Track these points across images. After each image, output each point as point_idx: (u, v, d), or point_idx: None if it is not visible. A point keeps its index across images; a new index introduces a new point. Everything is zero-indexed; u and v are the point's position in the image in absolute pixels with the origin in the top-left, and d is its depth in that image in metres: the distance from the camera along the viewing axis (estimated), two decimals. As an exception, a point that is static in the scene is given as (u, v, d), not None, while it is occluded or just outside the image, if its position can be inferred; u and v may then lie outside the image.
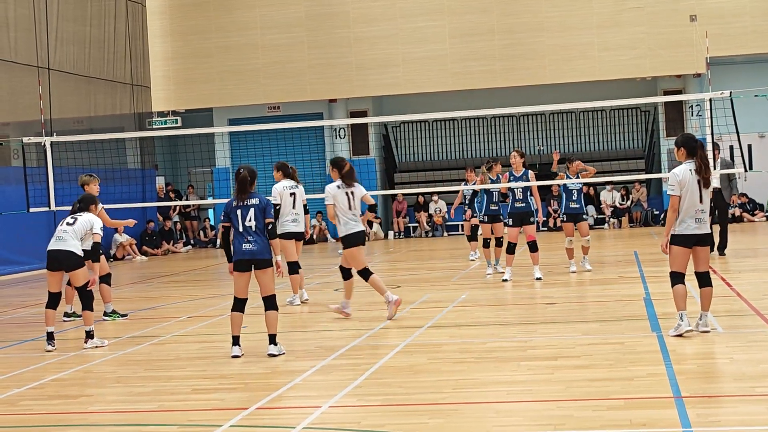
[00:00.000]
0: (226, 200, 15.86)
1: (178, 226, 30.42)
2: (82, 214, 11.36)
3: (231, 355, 9.80)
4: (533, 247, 15.43)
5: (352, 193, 12.18)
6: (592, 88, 27.72)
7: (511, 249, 15.45)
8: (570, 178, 16.22)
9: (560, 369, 8.39)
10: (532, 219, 15.46)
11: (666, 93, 28.21)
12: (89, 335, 10.95)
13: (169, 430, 7.10)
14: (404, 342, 10.12)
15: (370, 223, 29.85)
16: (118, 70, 27.79)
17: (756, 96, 23.50)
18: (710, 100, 17.69)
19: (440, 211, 29.76)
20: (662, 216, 28.66)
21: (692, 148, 9.54)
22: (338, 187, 12.14)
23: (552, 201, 29.11)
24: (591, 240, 16.66)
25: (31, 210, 19.07)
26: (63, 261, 10.96)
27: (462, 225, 28.79)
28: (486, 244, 16.81)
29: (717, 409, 6.85)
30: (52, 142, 19.13)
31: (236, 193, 9.86)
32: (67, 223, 11.17)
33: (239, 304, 9.88)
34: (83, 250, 11.18)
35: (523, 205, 15.43)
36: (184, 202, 29.07)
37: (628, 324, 10.58)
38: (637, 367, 8.29)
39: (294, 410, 7.50)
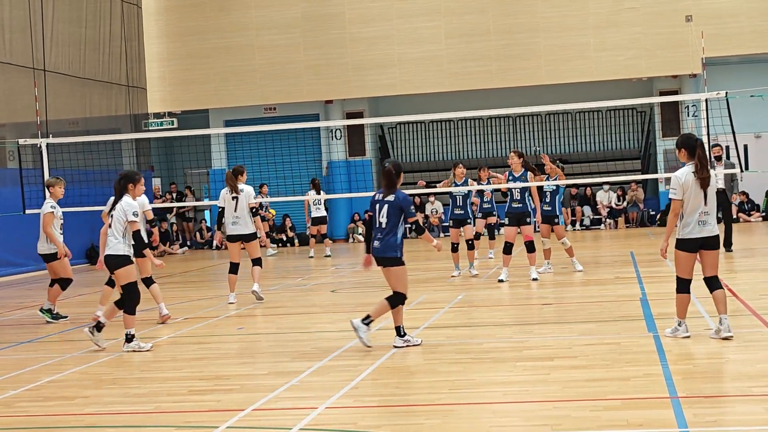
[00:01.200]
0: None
1: (175, 227, 30.40)
2: (115, 207, 10.76)
3: (394, 345, 9.81)
4: (530, 247, 15.41)
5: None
6: (589, 88, 27.73)
7: (508, 249, 15.44)
8: (549, 179, 16.20)
9: (557, 369, 8.39)
10: (528, 219, 15.43)
11: (662, 93, 28.23)
12: (129, 338, 10.62)
13: (166, 431, 7.09)
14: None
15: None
16: (114, 71, 27.76)
17: (752, 96, 23.50)
18: (706, 100, 17.72)
19: (436, 212, 29.75)
20: (658, 216, 28.69)
21: (692, 147, 9.29)
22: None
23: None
24: (587, 240, 16.66)
25: (27, 212, 19.04)
26: (109, 264, 10.69)
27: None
28: (454, 249, 16.56)
29: (714, 409, 6.85)
30: (47, 143, 19.12)
31: (383, 186, 9.97)
32: (109, 226, 10.81)
33: (394, 299, 9.88)
34: (133, 245, 10.80)
35: (520, 205, 15.39)
36: (180, 204, 29.04)
37: (624, 324, 10.58)
38: (633, 367, 8.29)
39: (291, 411, 7.49)
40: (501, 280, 15.28)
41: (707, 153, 9.16)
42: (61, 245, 13.39)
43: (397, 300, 9.84)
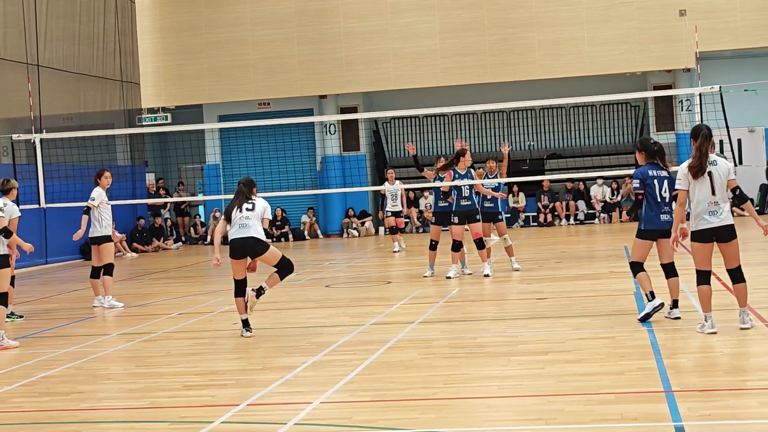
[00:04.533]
0: (216, 197, 15.71)
1: (169, 222, 30.37)
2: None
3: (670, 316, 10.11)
4: (480, 244, 15.38)
5: None
6: (583, 83, 27.72)
7: (456, 247, 15.36)
8: (487, 177, 16.18)
9: (551, 364, 8.40)
10: (477, 217, 15.38)
11: (656, 88, 28.22)
12: (245, 324, 10.85)
13: (160, 426, 7.09)
14: (395, 338, 10.13)
15: (361, 218, 29.82)
16: (108, 66, 27.71)
17: (745, 90, 23.52)
18: (700, 94, 17.76)
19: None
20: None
21: (697, 138, 9.22)
22: None
23: (542, 196, 29.15)
24: (581, 235, 16.66)
25: (21, 207, 18.97)
26: None
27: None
28: (432, 246, 15.93)
29: (708, 402, 6.87)
30: (41, 138, 19.10)
31: (646, 162, 10.34)
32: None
33: (638, 266, 10.29)
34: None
35: (468, 203, 15.29)
36: (175, 199, 29.02)
37: (618, 318, 10.60)
38: (627, 361, 8.31)
39: (285, 406, 7.50)
40: (449, 277, 15.29)
41: (709, 143, 9.16)
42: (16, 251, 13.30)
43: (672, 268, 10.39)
